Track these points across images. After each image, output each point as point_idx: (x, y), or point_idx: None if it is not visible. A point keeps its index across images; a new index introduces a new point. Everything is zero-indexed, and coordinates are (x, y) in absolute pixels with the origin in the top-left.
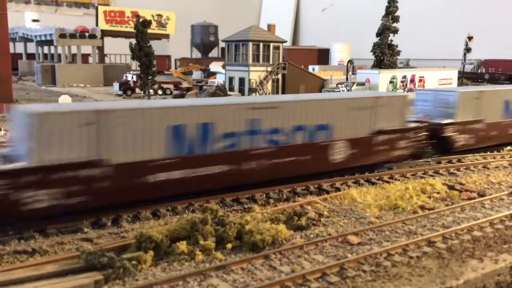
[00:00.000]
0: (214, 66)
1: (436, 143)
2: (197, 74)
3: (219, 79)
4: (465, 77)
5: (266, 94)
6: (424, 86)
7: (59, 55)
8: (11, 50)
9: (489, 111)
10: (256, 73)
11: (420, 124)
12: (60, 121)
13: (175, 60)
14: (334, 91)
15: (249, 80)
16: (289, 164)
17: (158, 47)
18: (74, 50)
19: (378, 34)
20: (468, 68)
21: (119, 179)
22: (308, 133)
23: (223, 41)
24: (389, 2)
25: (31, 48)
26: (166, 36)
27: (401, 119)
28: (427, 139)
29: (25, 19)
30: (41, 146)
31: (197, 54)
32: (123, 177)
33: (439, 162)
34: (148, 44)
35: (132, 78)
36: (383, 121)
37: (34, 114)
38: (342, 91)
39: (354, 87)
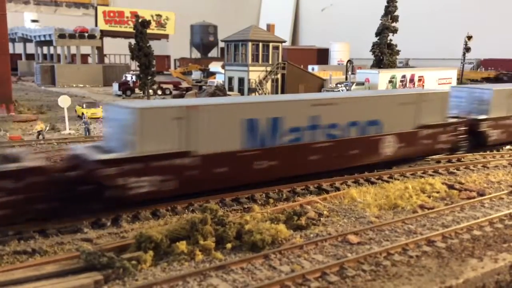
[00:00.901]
0: (214, 66)
1: (87, 194)
2: (196, 74)
3: (219, 79)
4: None
5: (265, 94)
6: (423, 85)
7: (59, 55)
8: (10, 51)
9: (210, 137)
10: (255, 73)
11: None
12: None
13: (175, 60)
14: (333, 91)
15: (249, 80)
16: None
17: (157, 47)
18: (73, 50)
19: (377, 34)
20: (468, 67)
21: None
22: None
23: (222, 41)
24: (388, 2)
25: (31, 48)
26: (166, 36)
27: None
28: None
29: (24, 20)
30: None
31: (196, 54)
32: None
33: (438, 162)
34: (148, 44)
35: (132, 78)
36: None
37: None
38: (342, 91)
39: (354, 86)
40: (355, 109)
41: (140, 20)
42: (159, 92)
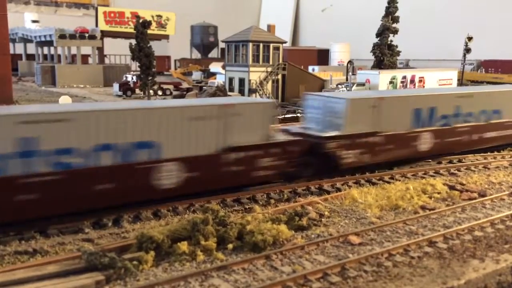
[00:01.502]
0: (214, 67)
1: None
2: (197, 75)
3: (219, 80)
4: None
5: (266, 94)
6: (424, 86)
7: (59, 55)
8: (11, 51)
9: None
10: (256, 74)
11: None
12: None
13: (175, 60)
14: (333, 91)
15: (249, 80)
16: None
17: (158, 48)
18: (74, 50)
19: (378, 35)
20: (468, 68)
21: None
22: None
23: (223, 41)
24: (389, 3)
25: (31, 48)
26: (166, 37)
27: None
28: None
29: (24, 20)
30: None
31: (196, 55)
32: None
33: (439, 163)
34: (148, 45)
35: (132, 78)
36: None
37: None
38: (342, 91)
39: (354, 87)
40: (108, 127)
41: (140, 21)
42: (160, 92)
